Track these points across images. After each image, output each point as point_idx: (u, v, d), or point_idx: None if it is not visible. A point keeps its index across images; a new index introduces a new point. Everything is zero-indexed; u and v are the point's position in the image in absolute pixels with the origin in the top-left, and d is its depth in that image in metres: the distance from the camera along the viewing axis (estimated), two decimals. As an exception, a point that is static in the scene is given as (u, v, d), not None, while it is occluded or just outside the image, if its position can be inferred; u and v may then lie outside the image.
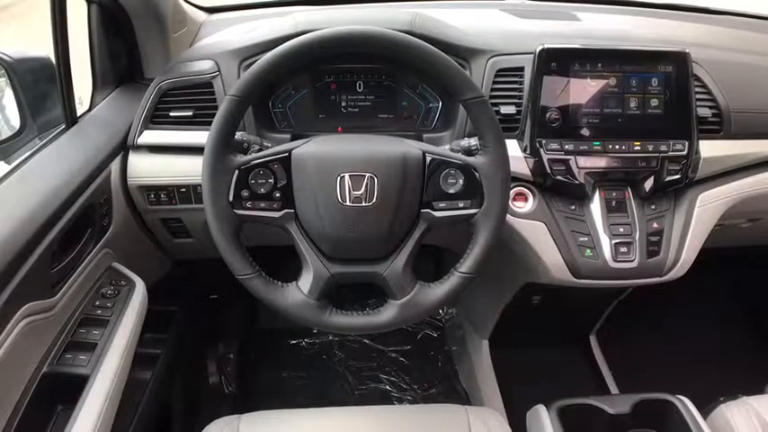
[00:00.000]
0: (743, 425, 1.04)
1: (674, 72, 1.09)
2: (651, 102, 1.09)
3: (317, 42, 0.85)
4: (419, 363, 1.85)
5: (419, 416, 1.08)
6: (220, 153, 0.85)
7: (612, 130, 1.08)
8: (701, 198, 1.12)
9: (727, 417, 1.06)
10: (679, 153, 1.08)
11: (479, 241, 0.89)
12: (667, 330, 1.95)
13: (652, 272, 1.08)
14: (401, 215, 0.88)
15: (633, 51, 1.09)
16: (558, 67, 1.07)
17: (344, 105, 1.14)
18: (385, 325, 0.90)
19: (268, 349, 1.88)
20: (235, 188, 0.86)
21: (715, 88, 1.14)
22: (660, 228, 1.09)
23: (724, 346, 1.93)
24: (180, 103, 1.10)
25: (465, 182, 0.89)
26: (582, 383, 1.71)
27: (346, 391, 1.77)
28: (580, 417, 1.07)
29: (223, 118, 0.85)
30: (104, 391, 0.87)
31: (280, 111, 1.14)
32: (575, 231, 1.07)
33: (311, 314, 0.89)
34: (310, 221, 0.88)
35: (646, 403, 1.09)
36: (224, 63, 1.09)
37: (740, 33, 1.49)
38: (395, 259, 0.90)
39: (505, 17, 1.35)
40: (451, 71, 0.87)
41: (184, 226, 1.19)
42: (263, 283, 0.88)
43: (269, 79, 0.86)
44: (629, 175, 1.09)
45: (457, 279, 0.90)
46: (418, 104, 1.15)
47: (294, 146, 0.89)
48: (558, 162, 1.06)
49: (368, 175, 0.86)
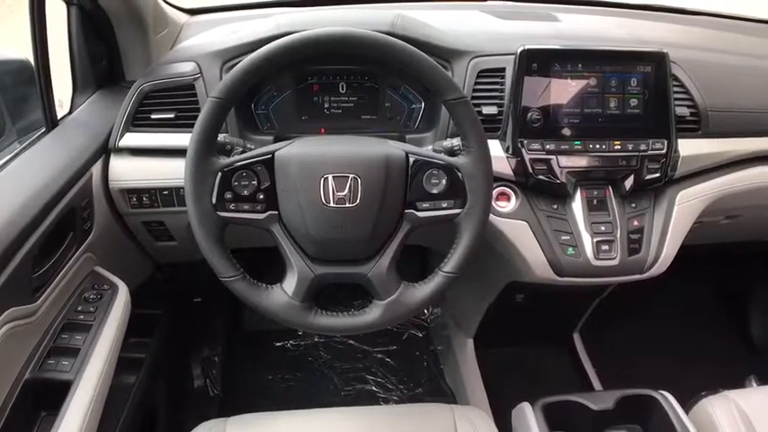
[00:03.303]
0: (724, 418, 1.05)
1: (652, 72, 1.10)
2: (630, 101, 1.10)
3: (299, 44, 0.85)
4: (405, 363, 1.86)
5: (405, 415, 1.08)
6: (203, 155, 0.85)
7: (593, 130, 1.10)
8: (681, 196, 1.14)
9: (709, 411, 1.08)
10: (658, 152, 1.10)
11: (463, 241, 0.90)
12: (649, 327, 1.97)
13: (633, 269, 1.09)
14: (385, 216, 0.89)
15: (612, 52, 1.11)
16: (538, 67, 1.07)
17: (327, 107, 1.14)
18: (370, 325, 0.90)
19: (253, 351, 1.88)
20: (218, 190, 0.86)
21: (693, 87, 1.16)
22: (641, 226, 1.10)
23: (705, 341, 1.96)
24: (162, 106, 1.09)
25: (448, 182, 0.89)
26: (566, 380, 1.73)
27: (332, 392, 1.77)
28: (564, 413, 1.08)
29: (205, 120, 0.85)
30: (88, 396, 0.87)
31: (262, 112, 1.13)
32: (557, 230, 1.08)
33: (296, 316, 0.89)
34: (294, 223, 0.88)
35: (629, 399, 1.10)
36: (206, 65, 1.09)
37: (716, 33, 1.52)
38: (379, 260, 0.90)
39: (487, 18, 1.36)
40: (433, 72, 0.87)
41: (167, 229, 1.18)
42: (247, 286, 0.88)
43: (251, 81, 0.86)
44: (610, 174, 1.10)
45: (441, 279, 0.91)
46: (401, 105, 1.15)
47: (277, 147, 0.89)
48: (540, 162, 1.07)
49: (351, 176, 0.87)
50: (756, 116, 1.22)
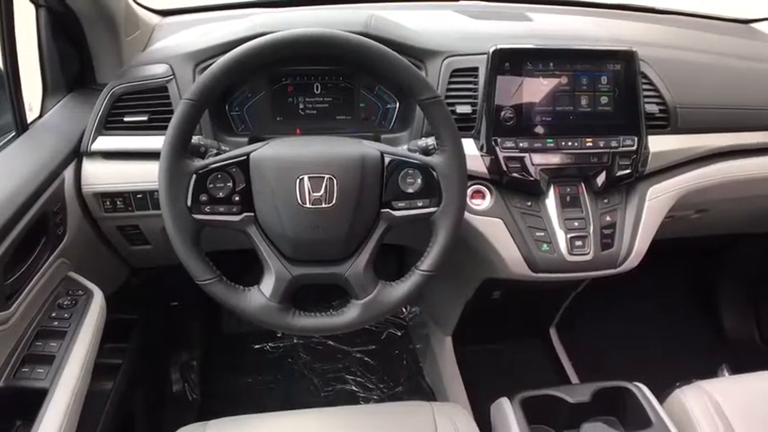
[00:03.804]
0: (697, 407, 1.07)
1: (622, 70, 1.12)
2: (601, 99, 1.12)
3: (272, 45, 0.85)
4: (384, 362, 1.86)
5: (385, 414, 1.09)
6: (177, 158, 0.84)
7: (565, 128, 1.11)
8: (651, 191, 1.16)
9: (683, 401, 1.09)
10: (629, 148, 1.12)
11: (439, 239, 0.91)
12: (624, 320, 2.01)
13: (606, 264, 1.11)
14: (361, 216, 0.89)
15: (583, 51, 1.12)
16: (511, 66, 1.09)
17: (302, 107, 1.14)
18: (348, 325, 0.91)
19: (232, 355, 1.86)
20: (192, 193, 0.86)
21: (661, 85, 1.18)
22: (613, 221, 1.12)
23: (678, 333, 2.00)
24: (134, 108, 1.08)
25: (423, 181, 0.90)
26: (544, 375, 1.75)
27: (312, 393, 1.77)
28: (542, 407, 1.09)
29: (179, 122, 0.84)
30: (64, 404, 0.85)
31: (237, 114, 1.13)
32: (531, 227, 1.10)
33: (274, 317, 0.89)
34: (270, 224, 0.88)
35: (605, 391, 1.11)
36: (179, 66, 1.08)
37: (684, 32, 1.55)
38: (356, 259, 0.91)
39: (460, 18, 1.37)
40: (407, 72, 0.88)
41: (142, 233, 1.17)
42: (224, 288, 0.88)
43: (225, 82, 0.85)
44: (582, 170, 1.12)
45: (418, 277, 0.91)
46: (376, 105, 1.15)
47: (252, 149, 0.89)
48: (514, 160, 1.09)
49: (327, 176, 0.87)
50: (723, 112, 1.24)
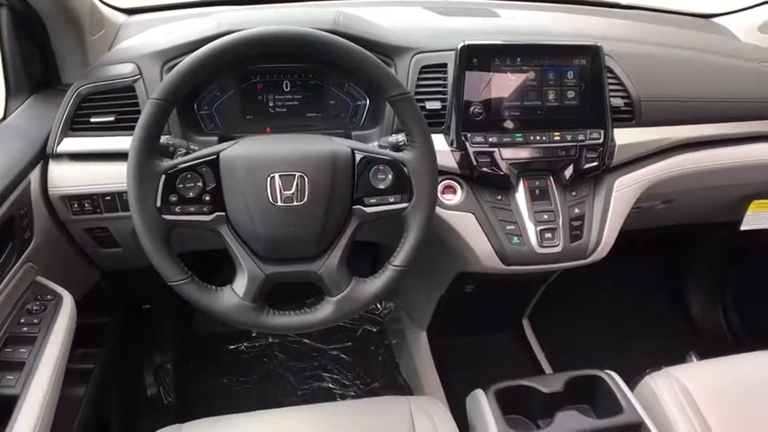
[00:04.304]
0: (666, 393, 1.10)
1: (587, 65, 1.14)
2: (568, 93, 1.14)
3: (240, 43, 0.84)
4: (360, 358, 1.87)
5: (362, 410, 1.09)
6: (145, 158, 0.84)
7: (533, 122, 1.12)
8: (618, 183, 1.18)
9: (652, 387, 1.12)
10: (595, 141, 1.14)
11: (411, 234, 0.91)
12: (594, 310, 2.04)
13: (576, 255, 1.13)
14: (333, 213, 0.89)
15: (549, 46, 1.14)
16: (479, 62, 1.10)
17: (272, 105, 1.13)
18: (322, 322, 0.91)
19: (206, 356, 1.85)
20: (162, 193, 0.85)
21: (626, 79, 1.21)
22: (581, 213, 1.14)
23: (648, 321, 2.05)
24: (101, 109, 1.06)
25: (394, 177, 0.91)
26: (518, 366, 1.77)
27: (289, 391, 1.76)
28: (517, 398, 1.11)
29: (146, 122, 0.83)
30: (36, 410, 0.84)
31: (206, 113, 1.12)
32: (502, 220, 1.11)
33: (248, 316, 0.89)
34: (242, 223, 0.88)
35: (577, 380, 1.13)
36: (146, 66, 1.07)
37: (648, 27, 1.58)
38: (329, 256, 0.91)
39: (428, 15, 1.38)
40: (376, 69, 0.88)
41: (111, 235, 1.15)
42: (196, 288, 0.88)
43: (193, 81, 0.85)
44: (551, 164, 1.14)
45: (391, 272, 0.92)
46: (346, 102, 1.15)
47: (222, 148, 0.88)
48: (484, 154, 1.10)
49: (298, 174, 0.87)
50: (686, 105, 1.27)
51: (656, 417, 1.08)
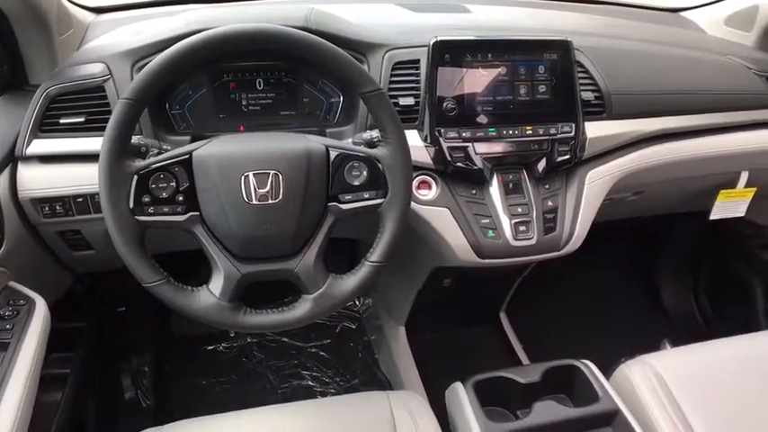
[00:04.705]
0: (641, 380, 1.11)
1: (558, 59, 1.15)
2: (539, 88, 1.15)
3: (210, 41, 0.84)
4: (339, 355, 1.87)
5: (342, 406, 1.09)
6: (117, 159, 0.83)
7: (505, 117, 1.13)
8: (590, 175, 1.19)
9: (627, 375, 1.14)
10: (567, 135, 1.15)
11: (387, 230, 0.92)
12: (570, 301, 2.07)
13: (550, 247, 1.14)
14: (308, 210, 0.89)
15: (520, 41, 1.15)
16: (451, 58, 1.10)
17: (245, 104, 1.12)
18: (300, 320, 0.91)
19: (184, 358, 1.83)
20: (135, 194, 0.84)
21: (596, 73, 1.22)
22: (555, 206, 1.15)
23: (622, 311, 2.08)
24: (70, 110, 1.05)
25: (369, 173, 0.91)
26: (496, 358, 1.78)
27: (269, 391, 1.76)
28: (495, 389, 1.12)
29: (117, 122, 0.82)
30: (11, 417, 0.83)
31: (178, 112, 1.11)
32: (477, 214, 1.12)
33: (225, 316, 0.89)
34: (217, 223, 0.87)
35: (554, 370, 1.15)
36: (115, 65, 1.05)
37: (617, 21, 1.60)
38: (305, 254, 0.91)
39: (400, 11, 1.39)
40: (348, 66, 0.88)
41: (84, 238, 1.14)
42: (172, 290, 0.87)
43: (164, 80, 0.84)
44: (523, 157, 1.15)
45: (368, 269, 0.92)
46: (319, 100, 1.15)
47: (194, 147, 0.88)
48: (457, 149, 1.10)
49: (272, 172, 0.87)
50: (655, 97, 1.29)
51: (631, 404, 1.09)
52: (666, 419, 1.05)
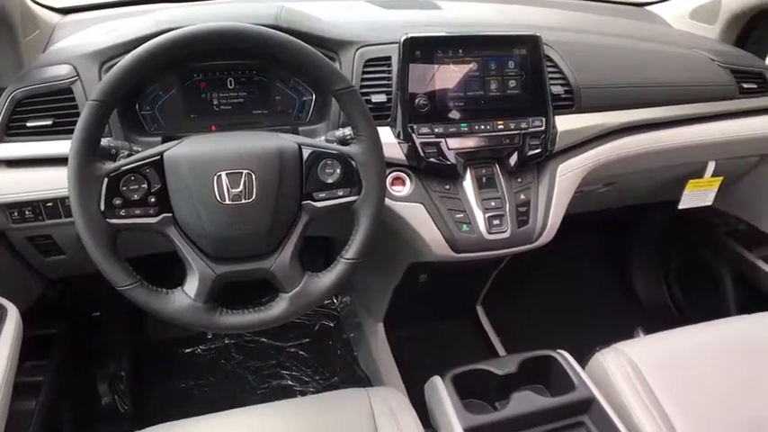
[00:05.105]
0: (615, 368, 1.13)
1: (527, 54, 1.16)
2: (510, 83, 1.16)
3: (180, 40, 0.83)
4: (318, 354, 1.87)
5: (321, 405, 1.09)
6: (86, 161, 0.82)
7: (477, 112, 1.14)
8: (561, 168, 1.21)
9: (602, 363, 1.15)
10: (538, 129, 1.16)
11: (361, 227, 0.92)
12: (545, 292, 2.10)
13: (523, 240, 1.15)
14: (282, 209, 0.89)
15: (490, 37, 1.16)
16: (422, 55, 1.11)
17: (216, 103, 1.12)
18: (277, 319, 0.91)
19: (161, 361, 1.82)
20: (105, 197, 0.83)
21: (565, 67, 1.24)
22: (527, 199, 1.17)
23: (596, 301, 2.11)
24: (37, 113, 1.03)
25: (342, 171, 0.91)
26: (474, 351, 1.80)
27: (248, 391, 1.75)
28: (473, 381, 1.13)
29: (86, 124, 0.81)
30: (-17, 428, 0.82)
31: (148, 113, 1.09)
32: (451, 209, 1.13)
33: (201, 318, 0.88)
34: (190, 224, 0.87)
35: (530, 361, 1.16)
36: (83, 66, 1.04)
37: (586, 16, 1.62)
38: (281, 253, 0.91)
39: (371, 8, 1.39)
40: (319, 63, 0.88)
41: (55, 242, 1.12)
42: (146, 292, 0.86)
43: (132, 80, 0.83)
44: (496, 152, 1.16)
45: (343, 266, 0.93)
46: (292, 98, 1.15)
47: (165, 148, 0.87)
48: (430, 145, 1.11)
49: (245, 171, 0.86)
50: (623, 90, 1.31)
51: (606, 391, 1.11)
52: (641, 405, 1.07)
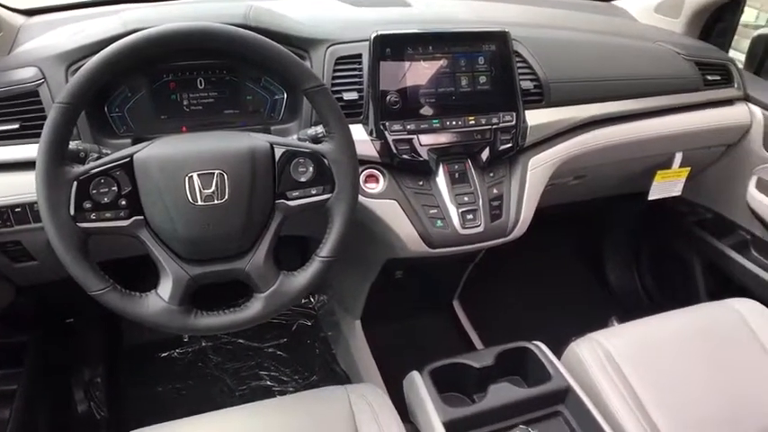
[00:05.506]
0: (590, 358, 1.15)
1: (496, 50, 1.17)
2: (480, 79, 1.17)
3: (148, 41, 0.82)
4: (297, 353, 1.86)
5: (300, 404, 1.09)
6: (54, 165, 0.80)
7: (448, 108, 1.15)
8: (532, 162, 1.22)
9: (577, 353, 1.17)
10: (508, 123, 1.18)
11: (335, 225, 0.92)
12: (520, 285, 2.12)
13: (497, 233, 1.17)
14: (256, 208, 0.89)
15: (459, 33, 1.16)
16: (392, 52, 1.11)
17: (187, 104, 1.10)
18: (253, 319, 0.90)
19: (138, 366, 1.79)
20: (75, 201, 0.82)
21: (534, 63, 1.25)
22: (500, 193, 1.18)
23: (570, 292, 2.14)
24: (3, 116, 1.00)
25: (315, 169, 0.91)
26: (451, 345, 1.81)
27: (227, 393, 1.74)
28: (451, 375, 1.14)
29: (53, 127, 0.80)
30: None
31: (117, 115, 1.08)
32: (425, 205, 1.13)
33: (175, 320, 0.87)
34: (162, 226, 0.86)
35: (507, 353, 1.18)
36: (49, 69, 1.02)
37: (553, 12, 1.64)
38: (255, 253, 0.90)
39: (341, 6, 1.39)
40: (289, 62, 0.88)
41: (25, 248, 1.10)
42: (119, 297, 0.85)
43: (100, 82, 0.82)
44: (468, 147, 1.16)
45: (318, 264, 0.93)
46: (263, 97, 1.14)
47: (135, 150, 0.86)
48: (403, 142, 1.11)
49: (217, 172, 0.86)
50: (591, 85, 1.33)
51: (582, 380, 1.13)
52: (616, 392, 1.09)
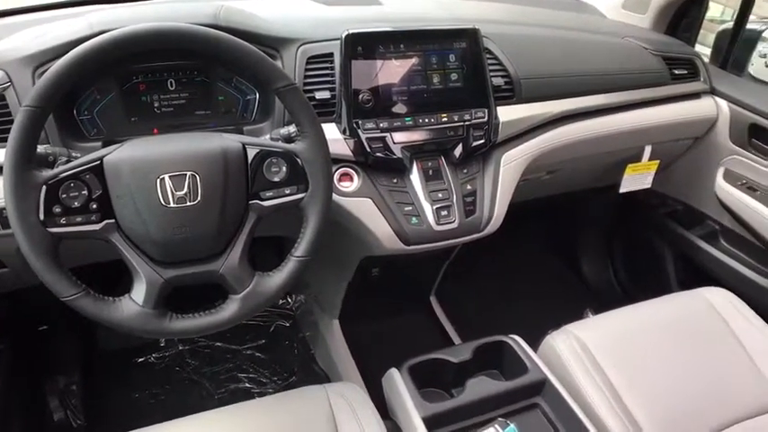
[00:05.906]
0: (566, 349, 1.17)
1: (467, 47, 1.18)
2: (451, 76, 1.18)
3: (115, 42, 0.81)
4: (275, 354, 1.86)
5: (279, 404, 1.09)
6: (22, 170, 0.79)
7: (421, 105, 1.15)
8: (505, 158, 1.23)
9: (553, 345, 1.19)
10: (480, 120, 1.18)
11: (310, 224, 0.92)
12: (496, 280, 2.14)
13: (471, 229, 1.17)
14: (229, 209, 0.88)
15: (429, 31, 1.17)
16: (364, 50, 1.11)
17: (157, 106, 1.09)
18: (228, 321, 0.90)
19: (114, 372, 1.77)
20: (44, 205, 0.81)
21: (505, 59, 1.26)
22: (473, 189, 1.19)
23: (546, 285, 2.17)
24: None
25: (288, 169, 0.91)
26: (429, 341, 1.81)
27: (205, 397, 1.72)
28: (429, 371, 1.15)
29: (20, 131, 0.79)
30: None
31: (87, 118, 1.06)
32: (399, 202, 1.13)
33: (150, 324, 0.86)
34: (134, 229, 0.85)
35: (484, 347, 1.19)
36: (15, 72, 1.00)
37: (523, 9, 1.66)
38: (229, 254, 0.90)
39: (312, 5, 1.38)
40: (259, 62, 0.88)
41: (-6, 255, 1.08)
42: (92, 302, 0.84)
43: (67, 84, 0.81)
44: (441, 144, 1.17)
45: (293, 264, 0.92)
46: (235, 97, 1.13)
47: (105, 152, 0.85)
48: (376, 140, 1.11)
49: (189, 173, 0.85)
50: (561, 80, 1.35)
51: (558, 372, 1.15)
52: (591, 383, 1.11)
